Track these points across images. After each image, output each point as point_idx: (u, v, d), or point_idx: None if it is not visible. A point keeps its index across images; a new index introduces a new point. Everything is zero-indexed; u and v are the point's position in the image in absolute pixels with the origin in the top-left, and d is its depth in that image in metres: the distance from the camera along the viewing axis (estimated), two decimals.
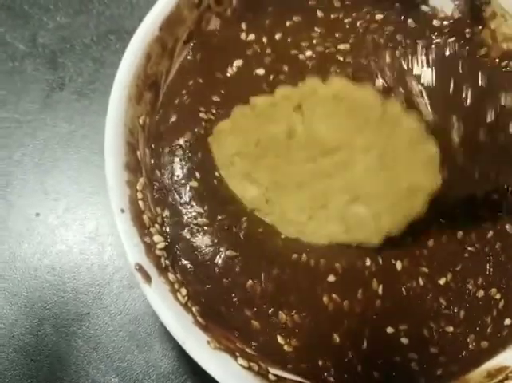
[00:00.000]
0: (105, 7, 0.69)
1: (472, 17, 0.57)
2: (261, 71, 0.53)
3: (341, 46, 0.55)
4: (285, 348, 0.46)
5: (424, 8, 0.59)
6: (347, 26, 0.57)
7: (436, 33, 0.57)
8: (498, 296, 0.48)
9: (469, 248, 0.49)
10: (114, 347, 0.56)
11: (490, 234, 0.50)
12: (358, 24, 0.57)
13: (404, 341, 0.46)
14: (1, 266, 0.59)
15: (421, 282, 0.47)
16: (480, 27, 0.57)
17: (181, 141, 0.50)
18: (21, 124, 0.64)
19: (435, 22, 0.58)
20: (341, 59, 0.54)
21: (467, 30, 0.57)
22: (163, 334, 0.56)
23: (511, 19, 0.54)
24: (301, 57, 0.54)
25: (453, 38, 0.57)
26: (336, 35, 0.56)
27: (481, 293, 0.48)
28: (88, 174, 0.62)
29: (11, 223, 0.60)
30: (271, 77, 0.53)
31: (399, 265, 0.47)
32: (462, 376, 0.47)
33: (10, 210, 0.61)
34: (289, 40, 0.55)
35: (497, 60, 0.56)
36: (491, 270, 0.49)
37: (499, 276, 0.49)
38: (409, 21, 0.58)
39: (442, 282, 0.48)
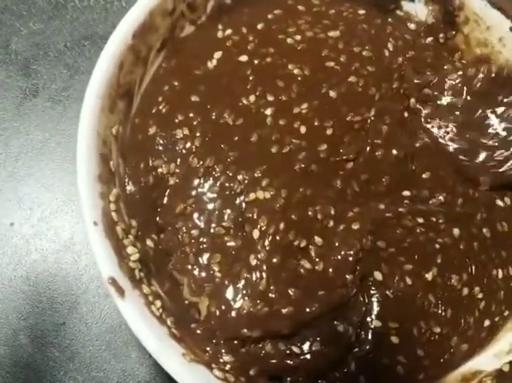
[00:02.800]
0: (79, 13, 0.68)
1: (446, 23, 0.57)
2: (244, 58, 0.53)
3: (331, 33, 0.55)
4: None
5: (399, 13, 0.59)
6: (334, 16, 0.57)
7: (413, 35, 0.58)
8: (480, 295, 0.49)
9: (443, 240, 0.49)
10: (91, 357, 0.56)
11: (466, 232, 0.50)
12: (344, 14, 0.57)
13: (395, 339, 0.46)
14: None
15: (408, 281, 0.47)
16: (454, 32, 0.57)
17: (158, 152, 0.50)
18: None
19: (412, 26, 0.58)
20: (333, 44, 0.54)
21: (441, 35, 0.58)
22: (139, 343, 0.55)
23: (484, 24, 0.55)
24: (289, 40, 0.54)
25: (430, 39, 0.58)
26: (325, 22, 0.56)
27: (465, 291, 0.49)
28: (62, 182, 0.62)
29: None
30: (256, 62, 0.52)
31: (378, 275, 0.47)
32: (439, 380, 0.47)
33: None
34: (273, 27, 0.55)
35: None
36: (473, 267, 0.49)
37: (481, 275, 0.50)
38: (389, 19, 0.59)
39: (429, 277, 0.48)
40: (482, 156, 0.52)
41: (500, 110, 0.52)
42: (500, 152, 0.52)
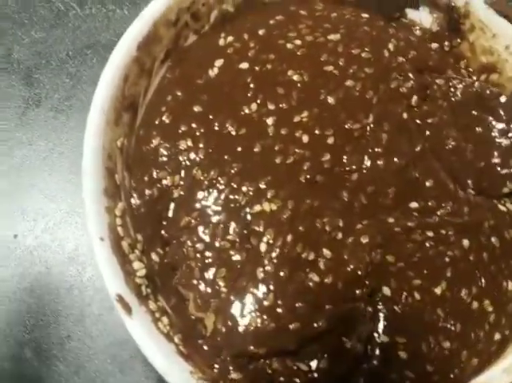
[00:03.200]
0: (81, 21, 0.68)
1: (450, 30, 0.57)
2: (244, 65, 0.52)
3: (331, 36, 0.54)
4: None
5: (404, 20, 0.59)
6: (335, 19, 0.56)
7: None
8: (490, 309, 0.48)
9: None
10: (96, 370, 0.56)
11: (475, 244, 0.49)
12: (346, 17, 0.56)
13: (403, 355, 0.45)
14: None
15: (417, 296, 0.47)
16: (459, 40, 0.57)
17: (162, 164, 0.49)
18: None
19: (417, 32, 0.58)
20: (332, 48, 0.53)
21: (446, 43, 0.57)
22: (145, 356, 0.56)
23: (490, 32, 0.54)
24: (289, 45, 0.53)
25: (436, 45, 0.57)
26: (326, 26, 0.55)
27: (475, 304, 0.48)
28: (66, 193, 0.61)
29: None
30: (257, 69, 0.52)
31: (387, 291, 0.47)
32: None
33: None
34: (274, 33, 0.54)
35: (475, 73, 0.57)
36: (483, 280, 0.49)
37: (491, 287, 0.49)
38: (393, 24, 0.58)
39: (438, 291, 0.47)
40: (470, 156, 0.52)
41: (499, 111, 0.52)
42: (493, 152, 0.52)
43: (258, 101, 0.50)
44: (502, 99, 0.52)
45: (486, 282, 0.49)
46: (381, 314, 0.46)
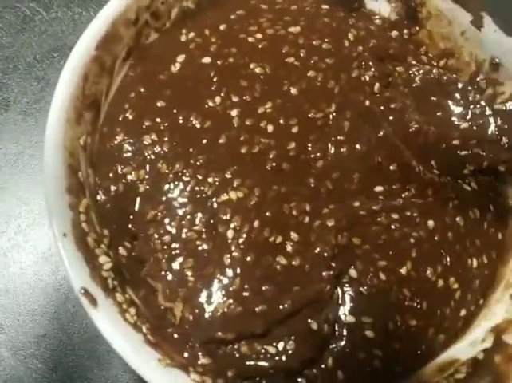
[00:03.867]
0: (47, 25, 0.68)
1: (409, 19, 0.58)
2: (207, 60, 0.53)
3: (292, 29, 0.55)
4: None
5: (363, 10, 0.60)
6: (295, 12, 0.57)
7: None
8: (455, 286, 0.49)
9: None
10: (73, 366, 0.56)
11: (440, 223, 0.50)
12: (306, 9, 0.57)
13: (370, 334, 0.46)
14: None
15: (382, 277, 0.47)
16: (417, 28, 0.58)
17: (126, 159, 0.50)
18: None
19: (377, 22, 0.59)
20: (293, 40, 0.54)
21: (405, 31, 0.58)
22: None
23: (446, 19, 0.55)
24: (250, 39, 0.54)
25: (395, 32, 0.58)
26: (286, 18, 0.56)
27: (440, 282, 0.49)
28: (37, 195, 0.62)
29: None
30: (219, 63, 0.53)
31: (353, 272, 0.47)
32: (416, 371, 0.48)
33: None
34: (235, 27, 0.55)
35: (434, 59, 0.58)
36: (448, 259, 0.50)
37: (456, 265, 0.50)
38: (354, 15, 0.59)
39: (403, 271, 0.48)
40: (432, 138, 0.52)
41: (457, 96, 0.53)
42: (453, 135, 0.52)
43: (222, 94, 0.51)
44: (459, 84, 0.53)
45: (451, 261, 0.50)
46: (347, 296, 0.47)
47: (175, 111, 0.51)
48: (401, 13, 0.58)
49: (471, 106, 0.53)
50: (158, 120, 0.50)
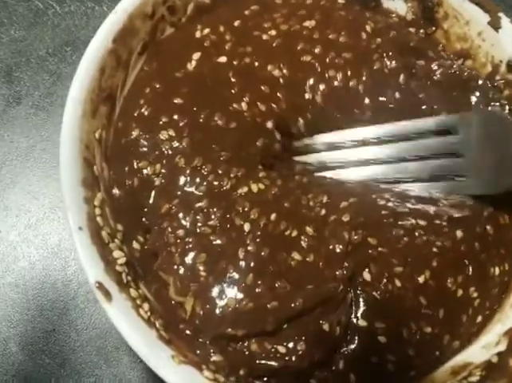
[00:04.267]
0: (60, 19, 0.68)
1: (425, 18, 0.58)
2: (223, 59, 0.52)
3: (307, 23, 0.54)
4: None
5: (380, 9, 0.59)
6: (310, 6, 0.56)
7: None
8: (475, 294, 0.48)
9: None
10: (82, 362, 0.56)
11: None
12: (322, 3, 0.57)
13: (382, 339, 0.45)
14: None
15: (398, 283, 0.46)
16: (433, 28, 0.58)
17: (142, 154, 0.49)
18: None
19: (395, 19, 0.59)
20: (308, 35, 0.53)
21: (421, 31, 0.58)
22: (130, 347, 0.55)
23: (463, 19, 0.55)
24: (264, 36, 0.54)
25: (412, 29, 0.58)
26: (300, 13, 0.55)
27: (460, 292, 0.48)
28: (48, 189, 0.62)
29: None
30: (235, 63, 0.52)
31: (367, 275, 0.46)
32: (428, 375, 0.47)
33: None
34: (249, 24, 0.55)
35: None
36: (471, 268, 0.48)
37: (478, 274, 0.49)
38: (367, 14, 0.58)
39: (421, 280, 0.47)
40: None
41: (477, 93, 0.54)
42: None
43: (247, 99, 0.51)
44: (480, 81, 0.54)
45: (473, 271, 0.48)
46: (360, 299, 0.46)
47: (195, 109, 0.50)
48: (417, 12, 0.58)
49: (492, 103, 0.53)
50: (176, 116, 0.50)
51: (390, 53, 0.53)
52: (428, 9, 0.57)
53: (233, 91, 0.51)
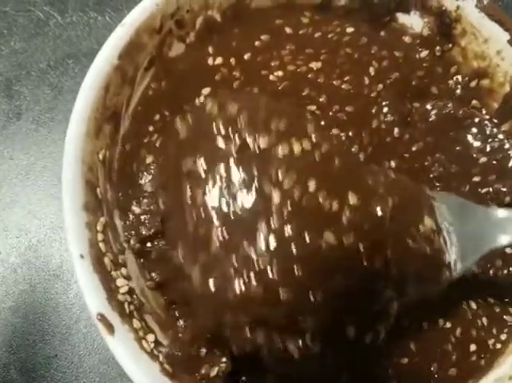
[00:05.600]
0: (62, 30, 0.66)
1: (442, 35, 0.56)
2: None
3: (313, 64, 0.54)
4: None
5: (394, 25, 0.58)
6: (318, 41, 0.56)
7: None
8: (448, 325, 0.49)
9: None
10: None
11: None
12: (329, 37, 0.56)
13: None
14: None
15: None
16: (450, 45, 0.56)
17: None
18: None
19: (407, 39, 0.57)
20: (314, 78, 0.53)
21: (437, 48, 0.56)
22: None
23: (481, 37, 0.54)
24: (271, 77, 0.53)
25: (425, 52, 0.56)
26: (308, 51, 0.55)
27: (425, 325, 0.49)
28: (49, 208, 0.60)
29: None
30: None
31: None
32: None
33: None
34: (258, 59, 0.54)
35: (466, 78, 0.56)
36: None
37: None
38: (382, 33, 0.57)
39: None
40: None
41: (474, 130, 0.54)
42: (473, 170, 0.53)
43: None
44: (476, 119, 0.54)
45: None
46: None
47: None
48: (434, 28, 0.56)
49: (489, 140, 0.53)
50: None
51: (388, 103, 0.53)
52: (445, 25, 0.55)
53: None
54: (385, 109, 0.53)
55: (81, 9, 0.67)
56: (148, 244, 0.48)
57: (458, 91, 0.56)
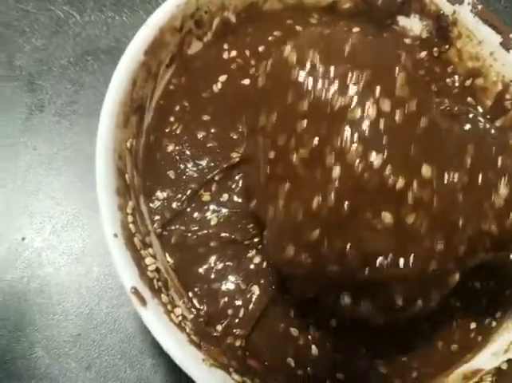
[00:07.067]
0: (81, 28, 0.69)
1: (439, 37, 0.60)
2: (247, 81, 0.55)
3: None
4: None
5: (395, 27, 0.62)
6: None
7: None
8: (458, 304, 0.51)
9: None
10: (107, 366, 0.57)
11: None
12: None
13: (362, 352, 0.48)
14: None
15: None
16: (447, 46, 0.60)
17: (179, 170, 0.52)
18: (2, 147, 0.64)
19: (407, 41, 0.61)
20: None
21: (435, 49, 0.60)
22: (153, 351, 0.57)
23: (476, 39, 0.58)
24: None
25: (424, 53, 0.60)
26: None
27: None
28: (71, 196, 0.63)
29: None
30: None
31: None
32: (438, 377, 0.50)
33: None
34: (272, 51, 0.56)
35: (461, 77, 0.60)
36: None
37: None
38: (385, 34, 0.61)
39: None
40: None
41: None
42: None
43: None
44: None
45: None
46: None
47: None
48: (432, 31, 0.60)
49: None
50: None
51: None
52: (443, 28, 0.59)
53: None
54: None
55: (99, 9, 0.70)
56: (171, 227, 0.51)
57: (455, 89, 0.59)
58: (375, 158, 0.36)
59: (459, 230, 0.38)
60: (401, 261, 0.37)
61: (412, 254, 0.37)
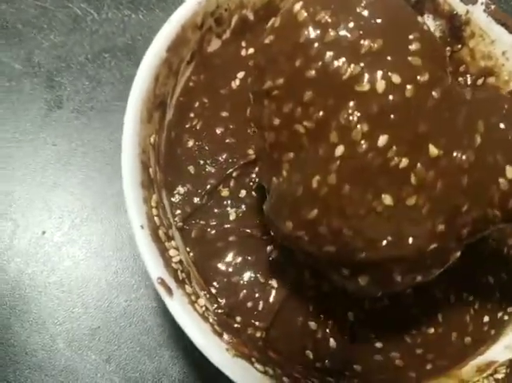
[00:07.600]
0: (98, 25, 0.70)
1: (452, 37, 0.61)
2: None
3: None
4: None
5: None
6: None
7: None
8: (471, 298, 0.53)
9: None
10: (126, 358, 0.58)
11: None
12: None
13: (378, 345, 0.50)
14: (10, 284, 0.59)
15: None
16: (460, 46, 0.61)
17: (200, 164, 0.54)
18: (22, 143, 0.65)
19: None
20: None
21: (448, 49, 0.61)
22: (171, 344, 0.58)
23: (488, 39, 0.59)
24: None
25: None
26: None
27: (453, 298, 0.52)
28: (90, 191, 0.63)
29: (17, 242, 0.61)
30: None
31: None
32: (452, 369, 0.51)
33: (16, 229, 0.61)
34: None
35: (473, 76, 0.61)
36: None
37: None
38: None
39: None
40: None
41: None
42: None
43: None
44: None
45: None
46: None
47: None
48: (445, 30, 0.61)
49: None
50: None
51: None
52: (456, 27, 0.60)
53: None
54: None
55: (116, 7, 0.71)
56: (192, 221, 0.52)
57: (467, 87, 0.61)
58: (380, 138, 0.35)
59: (463, 213, 0.38)
60: (400, 243, 0.37)
61: (412, 237, 0.36)
